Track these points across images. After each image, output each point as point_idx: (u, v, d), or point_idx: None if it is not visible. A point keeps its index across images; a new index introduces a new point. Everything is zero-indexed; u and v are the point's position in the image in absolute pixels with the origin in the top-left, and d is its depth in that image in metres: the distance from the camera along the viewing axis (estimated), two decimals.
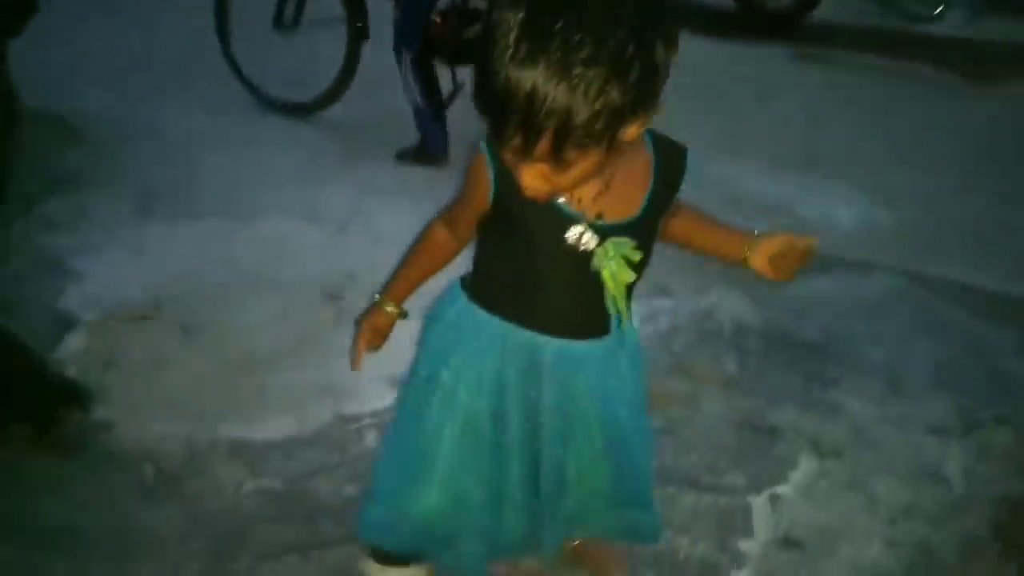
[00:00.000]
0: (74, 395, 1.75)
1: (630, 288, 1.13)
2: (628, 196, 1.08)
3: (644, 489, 1.35)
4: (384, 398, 1.93)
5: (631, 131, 0.90)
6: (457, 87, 2.98)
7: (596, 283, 1.09)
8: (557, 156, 0.88)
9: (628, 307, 1.15)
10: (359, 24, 3.09)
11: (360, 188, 2.88)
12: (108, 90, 3.50)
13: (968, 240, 2.77)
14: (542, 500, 1.23)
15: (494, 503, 1.23)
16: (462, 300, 1.20)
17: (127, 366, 1.97)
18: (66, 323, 2.09)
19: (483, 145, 1.05)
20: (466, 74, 2.91)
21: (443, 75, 3.00)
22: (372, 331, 1.29)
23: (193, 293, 2.25)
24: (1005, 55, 4.55)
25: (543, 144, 0.87)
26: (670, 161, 1.11)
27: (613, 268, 1.07)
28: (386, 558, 1.39)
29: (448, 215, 1.23)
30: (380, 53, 3.07)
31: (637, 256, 1.08)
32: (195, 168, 2.92)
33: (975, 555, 1.62)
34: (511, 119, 0.85)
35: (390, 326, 1.30)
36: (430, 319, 1.25)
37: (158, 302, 2.20)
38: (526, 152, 0.89)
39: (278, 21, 3.28)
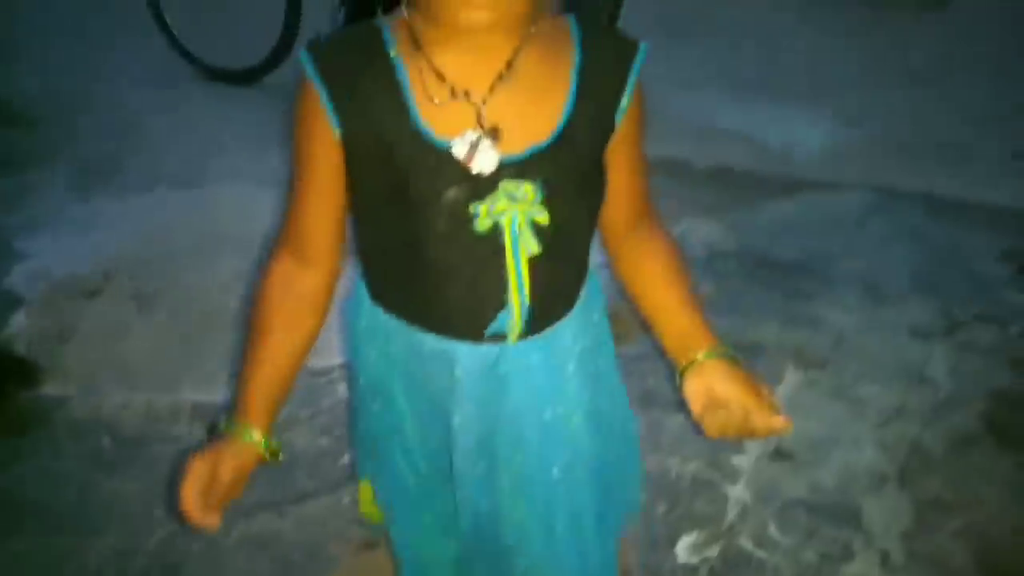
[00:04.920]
0: (20, 371, 1.66)
1: (555, 263, 0.76)
2: (539, 101, 0.71)
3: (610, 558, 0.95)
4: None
5: None
6: None
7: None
8: None
9: (559, 290, 0.80)
10: None
11: None
12: (41, 67, 3.36)
13: (934, 154, 2.74)
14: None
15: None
16: (367, 303, 0.83)
17: (80, 340, 1.87)
18: (11, 302, 1.99)
19: (304, 55, 0.71)
20: None
21: None
22: (223, 479, 0.73)
23: (145, 263, 2.15)
24: None
25: None
26: (605, 54, 0.74)
27: (509, 227, 0.72)
28: None
29: (287, 229, 0.78)
30: (322, 10, 2.95)
31: (544, 217, 0.72)
32: (137, 140, 2.80)
33: (968, 449, 1.60)
34: None
35: (251, 466, 0.76)
36: (347, 336, 0.88)
37: (108, 274, 2.10)
38: None
39: None
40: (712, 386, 0.79)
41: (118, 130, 2.87)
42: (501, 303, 0.76)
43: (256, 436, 0.76)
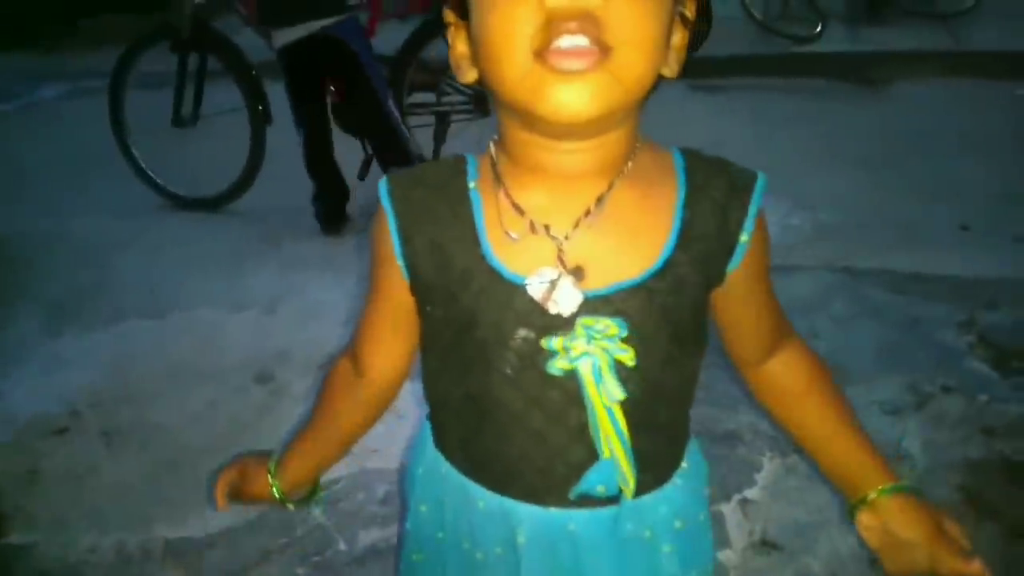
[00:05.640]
0: None
1: (645, 415, 0.68)
2: (632, 239, 0.65)
3: None
4: (329, 472, 1.83)
5: (676, 39, 0.62)
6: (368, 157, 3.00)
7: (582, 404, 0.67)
8: None
9: (650, 450, 0.71)
10: (261, 109, 3.06)
11: (285, 269, 2.81)
12: (9, 205, 3.41)
13: (887, 232, 2.84)
14: None
15: None
16: (429, 448, 0.79)
17: (47, 481, 1.83)
18: None
19: (382, 185, 0.69)
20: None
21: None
22: (242, 489, 0.85)
23: (113, 397, 2.13)
24: (886, 61, 4.79)
25: None
26: (715, 188, 0.67)
27: (590, 370, 0.64)
28: None
29: (353, 336, 0.80)
30: (285, 136, 3.05)
31: (628, 355, 0.64)
32: (108, 273, 2.82)
33: None
34: None
35: (265, 495, 0.85)
36: (406, 477, 0.85)
37: (76, 411, 2.07)
38: None
39: (176, 119, 3.23)
40: (889, 525, 0.75)
41: (87, 264, 2.90)
42: (579, 459, 0.68)
43: (274, 483, 0.83)
